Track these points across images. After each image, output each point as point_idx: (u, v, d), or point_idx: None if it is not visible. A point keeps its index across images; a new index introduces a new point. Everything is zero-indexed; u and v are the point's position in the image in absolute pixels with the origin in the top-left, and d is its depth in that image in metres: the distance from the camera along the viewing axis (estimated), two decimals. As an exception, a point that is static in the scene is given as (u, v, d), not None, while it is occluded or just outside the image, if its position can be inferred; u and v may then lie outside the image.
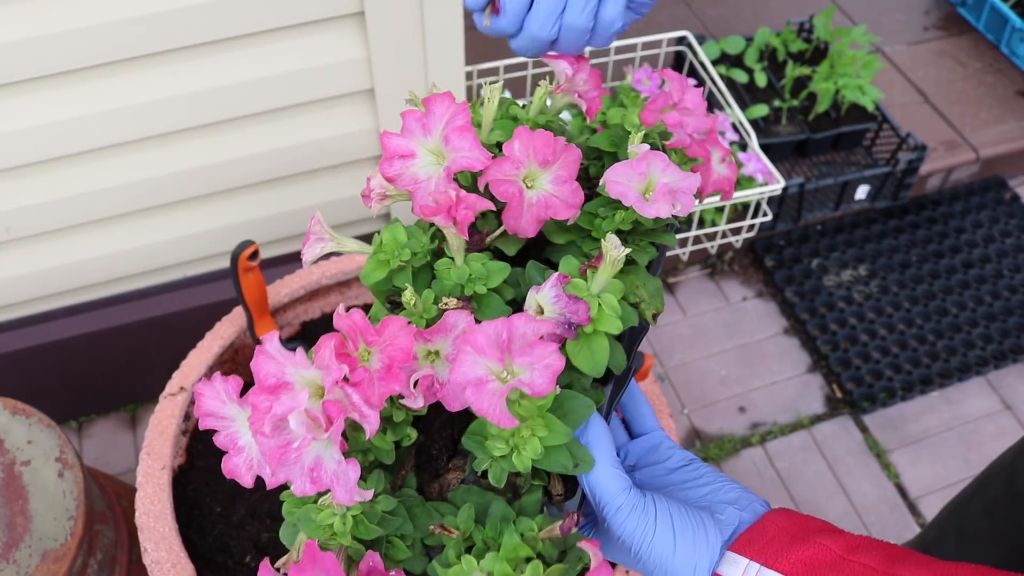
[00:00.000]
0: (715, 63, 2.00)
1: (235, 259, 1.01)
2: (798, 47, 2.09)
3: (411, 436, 0.51)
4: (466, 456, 0.54)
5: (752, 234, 1.85)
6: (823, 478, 1.66)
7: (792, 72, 1.98)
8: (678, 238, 1.72)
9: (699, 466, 0.58)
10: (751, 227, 1.82)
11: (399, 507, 0.50)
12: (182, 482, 1.07)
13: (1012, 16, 2.27)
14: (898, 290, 1.94)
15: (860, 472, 1.67)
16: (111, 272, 1.39)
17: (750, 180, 1.71)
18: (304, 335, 1.23)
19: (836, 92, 1.96)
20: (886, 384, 1.78)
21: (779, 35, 2.10)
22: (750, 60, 2.05)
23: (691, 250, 1.86)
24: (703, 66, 1.87)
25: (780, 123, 2.00)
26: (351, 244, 0.58)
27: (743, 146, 1.79)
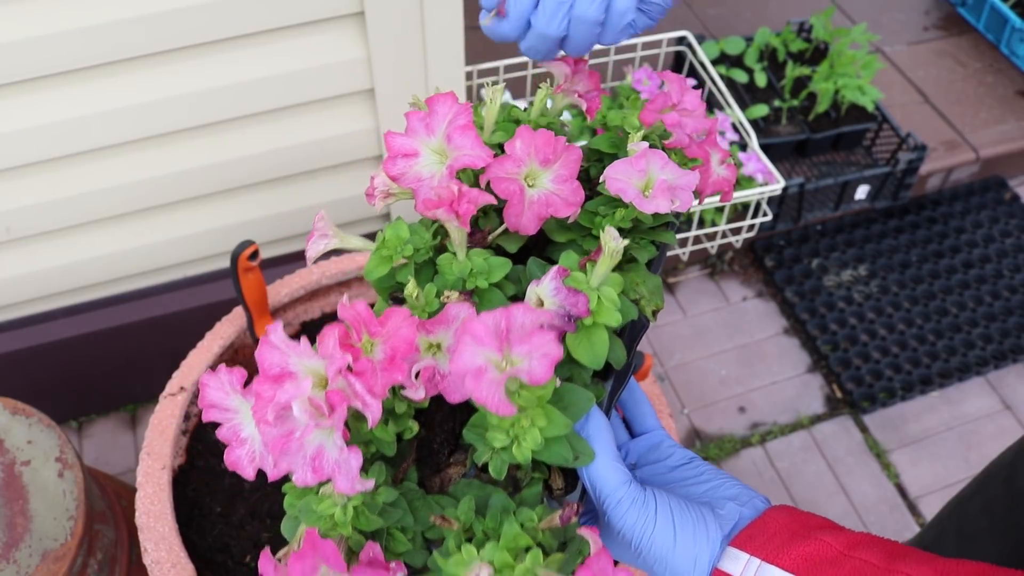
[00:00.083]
0: (715, 63, 2.00)
1: (235, 259, 1.01)
2: (798, 47, 2.09)
3: (412, 429, 0.51)
4: (467, 451, 0.55)
5: (752, 234, 1.85)
6: (823, 478, 1.66)
7: (792, 72, 1.98)
8: (678, 238, 1.72)
9: (699, 464, 0.58)
10: (751, 227, 1.82)
11: (400, 499, 0.50)
12: (182, 482, 1.07)
13: (1012, 16, 2.27)
14: (898, 290, 1.94)
15: (860, 472, 1.67)
16: (111, 272, 1.39)
17: (750, 180, 1.71)
18: (304, 335, 1.23)
19: (836, 92, 1.96)
20: (886, 384, 1.78)
21: (779, 35, 2.10)
22: (750, 60, 2.05)
23: (691, 250, 1.86)
24: (703, 66, 1.87)
25: (780, 123, 2.00)
26: (354, 241, 0.59)
27: (743, 146, 1.79)
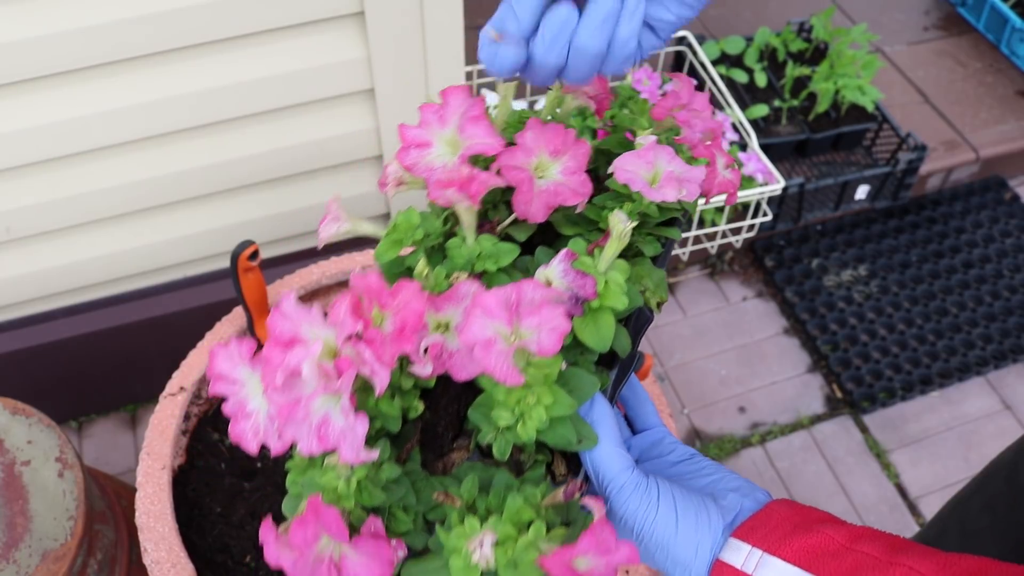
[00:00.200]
0: (715, 63, 2.00)
1: (235, 259, 1.00)
2: (798, 47, 2.09)
3: (417, 408, 0.52)
4: (471, 436, 0.55)
5: (752, 234, 1.85)
6: (823, 478, 1.66)
7: (792, 72, 1.98)
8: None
9: (701, 459, 0.58)
10: (751, 227, 1.82)
11: (403, 477, 0.51)
12: (182, 482, 1.07)
13: (1012, 16, 2.27)
14: (898, 290, 1.94)
15: (860, 472, 1.67)
16: (111, 272, 1.39)
17: (750, 180, 1.71)
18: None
19: (836, 92, 1.96)
20: (886, 384, 1.78)
21: (779, 35, 2.10)
22: (750, 60, 2.05)
23: (691, 250, 1.86)
24: (703, 66, 1.87)
25: (780, 123, 2.00)
26: (366, 226, 0.60)
27: (743, 146, 1.79)
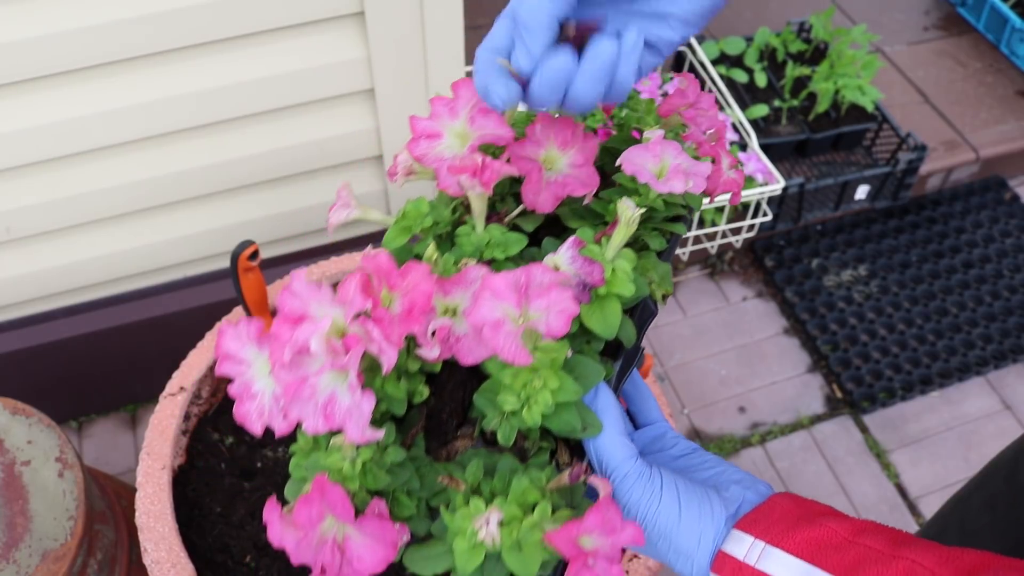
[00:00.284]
0: (715, 63, 2.00)
1: (235, 259, 1.00)
2: (798, 47, 2.09)
3: (423, 393, 0.52)
4: (475, 424, 0.55)
5: (752, 234, 1.85)
6: (823, 478, 1.66)
7: (792, 72, 1.98)
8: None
9: (703, 453, 0.58)
10: (751, 227, 1.82)
11: (407, 461, 0.51)
12: (182, 482, 1.07)
13: (1012, 16, 2.27)
14: (898, 290, 1.94)
15: (860, 472, 1.67)
16: (111, 272, 1.39)
17: (750, 180, 1.71)
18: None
19: (836, 92, 1.96)
20: (886, 384, 1.78)
21: (779, 35, 2.10)
22: (750, 60, 2.05)
23: (691, 250, 1.86)
24: (703, 66, 1.87)
25: (780, 123, 2.00)
26: (374, 214, 0.60)
27: (743, 146, 1.79)
